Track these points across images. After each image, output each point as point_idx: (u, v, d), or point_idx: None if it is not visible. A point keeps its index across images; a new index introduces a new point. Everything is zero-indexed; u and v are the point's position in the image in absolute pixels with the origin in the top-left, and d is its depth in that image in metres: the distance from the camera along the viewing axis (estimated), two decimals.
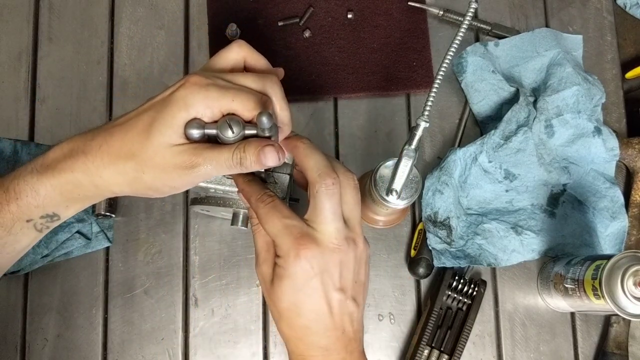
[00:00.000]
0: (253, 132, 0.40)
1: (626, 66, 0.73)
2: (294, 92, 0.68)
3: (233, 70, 0.44)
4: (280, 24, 0.70)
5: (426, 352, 0.62)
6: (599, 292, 0.53)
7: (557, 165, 0.66)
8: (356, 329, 0.44)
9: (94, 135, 0.41)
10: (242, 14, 0.70)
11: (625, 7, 0.75)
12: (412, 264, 0.64)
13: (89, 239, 0.63)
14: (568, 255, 0.63)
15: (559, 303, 0.62)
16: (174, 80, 0.67)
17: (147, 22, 0.71)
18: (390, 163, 0.55)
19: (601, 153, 0.66)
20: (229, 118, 0.40)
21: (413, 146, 0.49)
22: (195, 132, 0.40)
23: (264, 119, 0.39)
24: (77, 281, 0.64)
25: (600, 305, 0.54)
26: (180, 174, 0.40)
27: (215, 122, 0.40)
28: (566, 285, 0.58)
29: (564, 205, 0.66)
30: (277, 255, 0.42)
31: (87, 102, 0.69)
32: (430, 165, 0.68)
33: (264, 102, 0.41)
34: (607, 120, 0.70)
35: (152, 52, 0.70)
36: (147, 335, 0.64)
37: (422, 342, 0.61)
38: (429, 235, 0.63)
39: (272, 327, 0.64)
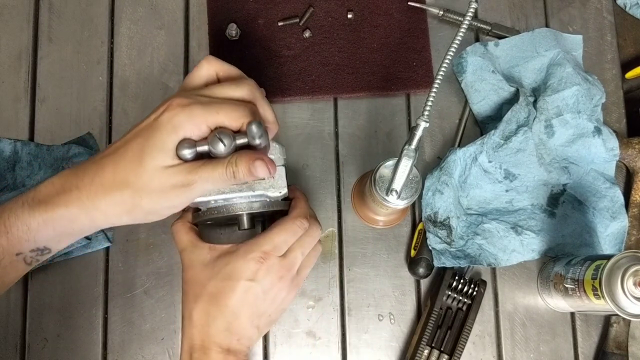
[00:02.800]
0: (244, 140, 0.41)
1: (626, 66, 0.73)
2: (294, 92, 0.68)
3: (208, 85, 0.45)
4: (280, 24, 0.70)
5: (426, 352, 0.62)
6: (599, 292, 0.53)
7: (557, 165, 0.66)
8: None
9: (85, 170, 0.41)
10: (242, 14, 0.70)
11: (625, 7, 0.75)
12: (412, 264, 0.64)
13: (89, 239, 0.63)
14: (568, 255, 0.63)
15: (559, 303, 0.62)
16: (173, 81, 0.69)
17: (147, 22, 0.71)
18: (390, 163, 0.55)
19: (601, 153, 0.66)
20: (219, 132, 0.40)
21: (413, 146, 0.50)
22: (188, 152, 0.40)
23: (254, 128, 0.40)
24: (77, 281, 0.64)
25: (600, 305, 0.54)
26: (178, 193, 0.41)
27: (206, 139, 0.41)
28: (566, 285, 0.58)
29: (564, 205, 0.66)
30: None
31: (87, 102, 0.69)
32: (430, 165, 0.68)
33: (249, 109, 0.42)
34: (607, 120, 0.70)
35: (152, 52, 0.70)
36: (147, 335, 0.64)
37: (422, 342, 0.61)
38: (429, 235, 0.63)
39: (272, 327, 0.64)
